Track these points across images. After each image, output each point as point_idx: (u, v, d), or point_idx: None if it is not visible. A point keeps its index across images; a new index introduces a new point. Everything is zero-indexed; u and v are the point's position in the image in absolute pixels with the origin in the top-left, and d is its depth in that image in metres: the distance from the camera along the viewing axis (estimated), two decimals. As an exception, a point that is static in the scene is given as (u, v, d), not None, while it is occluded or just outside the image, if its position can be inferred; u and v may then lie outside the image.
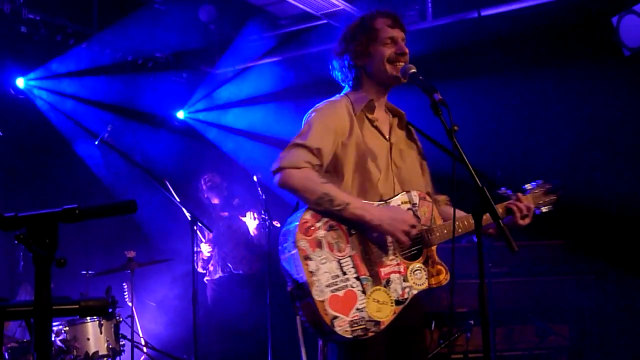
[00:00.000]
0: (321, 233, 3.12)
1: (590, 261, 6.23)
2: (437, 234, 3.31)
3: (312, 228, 3.11)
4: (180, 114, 9.30)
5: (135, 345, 6.79)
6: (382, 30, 3.40)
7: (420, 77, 3.23)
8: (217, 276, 7.79)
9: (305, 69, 8.01)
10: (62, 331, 5.79)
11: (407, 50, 3.38)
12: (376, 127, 3.43)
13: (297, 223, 3.11)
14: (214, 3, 7.99)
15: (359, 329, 3.02)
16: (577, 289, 5.85)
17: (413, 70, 3.28)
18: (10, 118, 7.31)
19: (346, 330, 3.00)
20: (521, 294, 5.82)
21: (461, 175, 2.96)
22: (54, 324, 5.86)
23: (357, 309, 3.05)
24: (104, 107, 8.09)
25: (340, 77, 3.56)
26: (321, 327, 3.03)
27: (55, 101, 7.83)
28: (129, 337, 6.66)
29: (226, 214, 7.96)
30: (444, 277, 3.28)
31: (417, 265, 3.25)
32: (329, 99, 3.47)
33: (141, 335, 7.42)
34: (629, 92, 6.56)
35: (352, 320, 3.02)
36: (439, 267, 3.30)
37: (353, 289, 3.07)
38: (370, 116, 3.43)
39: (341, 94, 3.52)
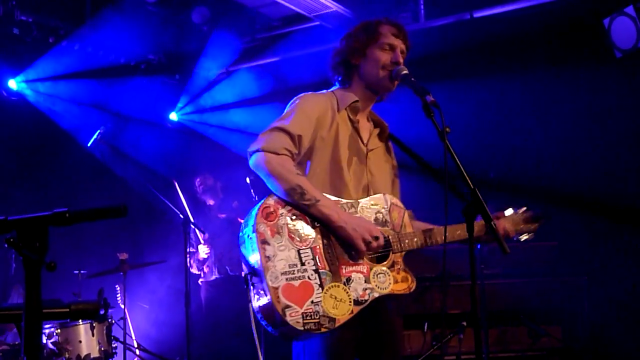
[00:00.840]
0: (282, 220, 3.06)
1: (582, 262, 6.24)
2: (406, 241, 3.26)
3: (273, 214, 3.06)
4: (173, 116, 9.28)
5: (127, 347, 6.78)
6: (385, 35, 3.39)
7: (412, 79, 3.23)
8: (212, 277, 7.76)
9: (297, 70, 8.01)
10: (54, 334, 5.76)
11: (401, 60, 3.36)
12: (356, 130, 3.40)
13: (258, 207, 3.07)
14: (207, 5, 7.98)
15: (311, 323, 2.94)
16: (569, 290, 5.87)
17: (405, 72, 3.29)
18: (3, 119, 7.29)
19: (297, 322, 2.92)
20: (514, 296, 5.82)
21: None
22: (46, 326, 5.84)
23: (312, 302, 2.96)
24: (96, 109, 8.07)
25: (332, 72, 3.53)
26: (272, 316, 2.96)
27: (48, 103, 7.81)
28: (121, 339, 6.64)
29: (224, 215, 7.94)
30: (409, 286, 3.23)
31: (382, 269, 3.19)
32: (315, 92, 3.45)
33: (133, 337, 7.41)
34: (621, 94, 6.57)
35: (305, 312, 2.94)
36: (405, 274, 3.24)
37: (310, 280, 3.00)
38: (352, 117, 3.40)
39: (329, 90, 3.50)
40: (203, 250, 7.66)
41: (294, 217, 3.09)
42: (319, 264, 3.06)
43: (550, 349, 5.84)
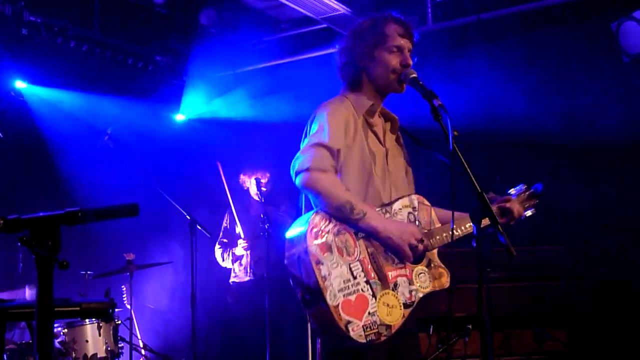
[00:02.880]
0: (330, 237, 3.09)
1: (588, 267, 6.23)
2: (437, 237, 3.33)
3: (321, 232, 3.08)
4: (180, 117, 9.31)
5: (133, 347, 6.80)
6: (392, 37, 3.38)
7: (421, 82, 3.24)
8: (246, 279, 7.55)
9: (305, 72, 8.02)
10: (61, 333, 5.79)
11: (411, 62, 3.37)
12: (374, 132, 3.44)
13: (307, 227, 3.07)
14: (215, 7, 8.00)
15: (372, 333, 3.01)
16: (575, 294, 5.85)
17: (414, 75, 3.30)
18: (10, 120, 7.31)
19: (360, 335, 2.97)
20: (519, 299, 5.81)
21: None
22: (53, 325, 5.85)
23: (369, 313, 3.03)
24: (103, 110, 8.09)
25: (339, 73, 3.54)
26: (334, 332, 2.99)
27: (55, 104, 7.84)
28: (128, 339, 6.66)
29: (263, 215, 7.59)
30: (446, 280, 3.32)
31: (421, 269, 3.28)
32: (333, 99, 3.46)
33: (139, 337, 7.42)
34: (629, 98, 6.56)
35: (365, 325, 3.00)
36: (441, 270, 3.34)
37: (364, 292, 3.06)
38: (369, 120, 3.44)
39: (342, 94, 3.50)
40: (241, 245, 7.43)
41: (339, 233, 3.12)
42: (368, 274, 3.12)
43: (555, 353, 5.83)
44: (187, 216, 6.93)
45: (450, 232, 3.30)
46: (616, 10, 6.46)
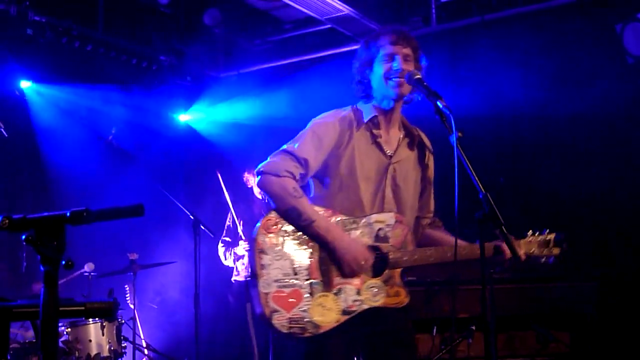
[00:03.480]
0: (283, 233, 3.27)
1: (592, 268, 6.23)
2: (405, 258, 3.37)
3: (274, 227, 3.27)
4: (184, 117, 9.31)
5: (136, 347, 6.81)
6: (383, 47, 3.46)
7: (425, 83, 3.25)
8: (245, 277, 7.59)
9: (309, 74, 8.04)
10: (64, 332, 5.80)
11: (403, 67, 3.41)
12: (378, 144, 3.49)
13: (262, 220, 3.28)
14: (219, 7, 8.01)
15: (296, 327, 3.15)
16: (579, 295, 5.84)
17: (418, 76, 3.31)
18: (14, 120, 7.32)
19: (283, 325, 3.14)
20: (523, 300, 5.80)
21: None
22: (56, 325, 5.86)
23: (300, 309, 3.17)
24: (107, 110, 8.10)
25: (355, 89, 3.62)
26: (263, 317, 3.17)
27: (59, 103, 7.85)
28: (131, 339, 6.67)
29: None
30: (401, 300, 3.34)
31: (375, 282, 3.31)
32: (335, 110, 3.56)
33: (143, 337, 7.43)
34: (634, 100, 6.55)
35: (291, 318, 3.15)
36: (399, 289, 3.35)
37: (301, 289, 3.21)
38: (374, 131, 3.49)
39: (351, 106, 3.59)
40: (243, 246, 7.51)
41: (293, 231, 3.28)
42: (312, 273, 3.25)
43: (558, 355, 5.82)
44: (191, 216, 6.94)
45: (423, 255, 3.40)
46: (620, 12, 6.45)
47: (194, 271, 6.71)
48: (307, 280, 3.23)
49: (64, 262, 1.74)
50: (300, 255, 3.26)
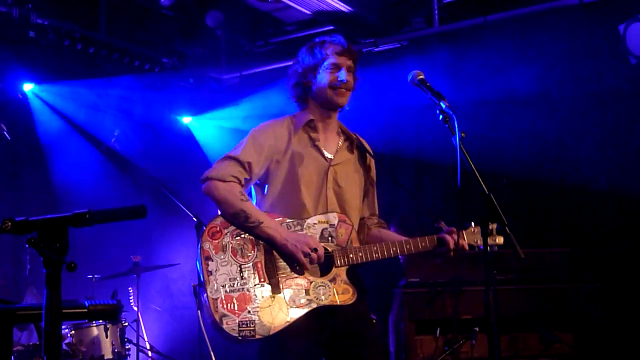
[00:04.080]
0: (227, 239, 3.34)
1: (595, 269, 6.22)
2: (351, 255, 3.42)
3: (219, 233, 3.34)
4: (187, 120, 9.31)
5: (140, 349, 6.81)
6: (329, 56, 3.57)
7: (428, 84, 3.26)
8: None
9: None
10: (68, 335, 5.80)
11: (348, 78, 3.54)
12: (317, 147, 3.59)
13: (206, 227, 3.36)
14: (221, 9, 8.01)
15: (246, 330, 3.21)
16: (582, 296, 5.83)
17: (421, 77, 3.33)
18: (17, 122, 7.33)
19: (233, 329, 3.20)
20: (526, 302, 5.79)
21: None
22: (60, 327, 5.86)
23: (249, 312, 3.23)
24: (109, 112, 8.10)
25: (290, 94, 3.73)
26: (214, 324, 3.23)
27: (62, 106, 7.85)
28: (134, 341, 6.67)
29: None
30: (349, 298, 3.39)
31: (322, 282, 3.37)
32: (273, 119, 3.68)
33: (146, 339, 7.42)
34: (636, 100, 6.55)
35: (241, 321, 3.21)
36: (346, 286, 3.40)
37: (248, 292, 3.27)
38: (312, 135, 3.60)
39: (288, 115, 3.70)
40: None
41: (237, 236, 3.36)
42: (259, 277, 3.31)
43: (562, 356, 5.81)
44: (194, 218, 6.93)
45: (372, 252, 3.44)
46: (623, 12, 6.44)
47: (197, 273, 6.69)
48: (254, 283, 3.28)
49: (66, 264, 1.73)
50: (246, 259, 3.32)
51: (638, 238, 6.36)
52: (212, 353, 3.29)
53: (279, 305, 3.26)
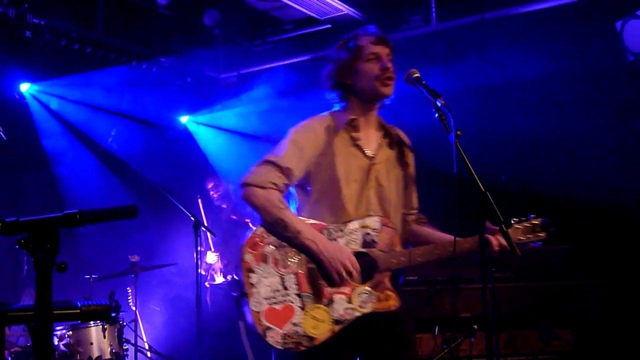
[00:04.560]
0: (268, 249, 3.26)
1: (594, 266, 6.21)
2: (393, 260, 3.34)
3: (260, 243, 3.26)
4: (185, 119, 9.30)
5: (138, 349, 6.80)
6: (366, 47, 3.45)
7: (424, 82, 3.24)
8: (218, 282, 7.77)
9: (309, 73, 8.02)
10: (66, 335, 5.78)
11: (389, 65, 3.42)
12: (358, 146, 3.48)
13: (247, 238, 3.27)
14: (218, 8, 8.00)
15: (290, 342, 3.15)
16: (581, 293, 5.83)
17: (416, 75, 3.29)
18: (13, 122, 7.32)
19: (277, 342, 3.14)
20: (525, 299, 5.79)
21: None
22: (57, 328, 5.86)
23: (293, 324, 3.17)
24: (106, 113, 8.09)
25: (329, 93, 3.60)
26: (258, 335, 3.17)
27: (58, 106, 7.84)
28: (133, 341, 6.66)
29: (235, 217, 7.95)
30: (393, 304, 3.31)
31: (365, 289, 3.29)
32: (313, 117, 3.54)
33: (145, 339, 7.42)
34: (633, 97, 6.54)
35: (285, 334, 3.15)
36: (389, 292, 3.33)
37: (292, 304, 3.20)
38: (353, 134, 3.48)
39: (328, 112, 3.58)
40: (211, 257, 7.66)
41: (278, 246, 3.27)
42: (301, 287, 3.24)
43: (561, 353, 5.81)
44: (192, 217, 6.93)
45: (415, 256, 3.37)
46: (620, 9, 6.43)
47: (195, 272, 6.70)
48: (297, 294, 3.22)
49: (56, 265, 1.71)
50: (288, 269, 3.25)
51: (637, 235, 6.35)
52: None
53: (322, 316, 3.21)
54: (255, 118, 8.80)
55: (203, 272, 7.76)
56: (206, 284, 7.82)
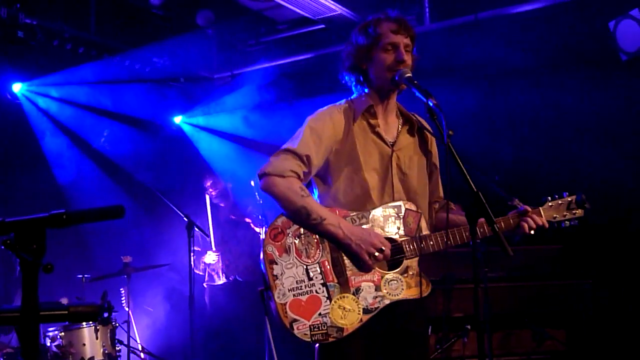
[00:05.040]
0: (290, 240, 3.20)
1: (587, 266, 6.21)
2: (422, 244, 3.26)
3: (281, 234, 3.21)
4: (178, 119, 9.28)
5: (131, 350, 6.78)
6: (385, 35, 3.36)
7: (416, 82, 3.22)
8: (219, 282, 7.70)
9: (304, 73, 8.02)
10: (58, 336, 5.77)
11: (406, 58, 3.33)
12: (377, 133, 3.39)
13: (267, 230, 3.22)
14: (212, 8, 7.98)
15: (319, 334, 3.09)
16: (574, 293, 5.83)
17: (409, 75, 3.27)
18: (5, 123, 7.30)
19: (305, 334, 3.08)
20: (518, 299, 5.79)
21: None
22: (50, 329, 5.85)
23: (320, 314, 3.11)
24: (100, 113, 8.07)
25: (346, 80, 3.53)
26: (284, 327, 3.11)
27: (51, 107, 7.82)
28: (125, 342, 6.64)
29: (234, 217, 7.92)
30: (425, 290, 3.24)
31: (393, 276, 3.22)
32: (331, 105, 3.46)
33: (138, 340, 7.40)
34: (627, 97, 6.54)
35: (313, 325, 3.09)
36: (419, 279, 3.25)
37: (317, 294, 3.14)
38: (372, 121, 3.40)
39: (346, 99, 3.50)
40: (211, 257, 7.60)
41: (301, 236, 3.21)
42: (327, 277, 3.17)
43: (554, 353, 5.81)
44: (185, 218, 6.92)
45: (444, 239, 3.27)
46: (613, 9, 6.44)
47: (189, 273, 6.68)
48: (322, 284, 3.15)
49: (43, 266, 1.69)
50: (312, 259, 3.18)
51: (630, 235, 6.35)
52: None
53: (350, 305, 3.14)
54: (250, 118, 8.79)
55: (200, 273, 7.72)
56: (204, 284, 7.77)
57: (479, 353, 2.81)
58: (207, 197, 7.78)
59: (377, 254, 3.16)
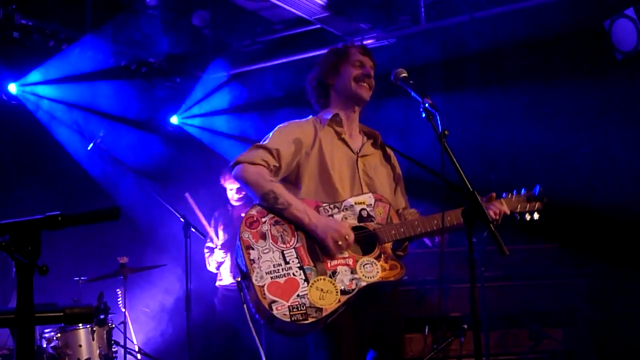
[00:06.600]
0: (265, 227, 3.34)
1: (583, 264, 6.22)
2: (392, 231, 3.42)
3: (257, 222, 3.34)
4: (174, 119, 9.27)
5: (128, 351, 6.76)
6: (354, 54, 3.66)
7: (411, 82, 3.25)
8: (229, 282, 7.60)
9: (298, 73, 8.01)
10: (54, 338, 5.75)
11: (372, 74, 3.63)
12: (343, 140, 3.64)
13: (243, 218, 3.34)
14: (208, 8, 7.97)
15: (298, 314, 3.15)
16: (570, 292, 5.85)
17: (404, 75, 3.32)
18: (2, 124, 7.28)
19: (284, 314, 3.14)
20: (514, 298, 5.80)
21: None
22: (46, 330, 5.83)
23: (298, 296, 3.19)
24: (97, 113, 8.06)
25: (312, 99, 3.80)
26: (262, 312, 3.19)
27: (48, 107, 7.80)
28: (122, 343, 6.62)
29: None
30: (399, 272, 3.37)
31: (368, 259, 3.35)
32: (296, 119, 3.72)
33: (134, 341, 7.38)
34: (622, 96, 6.55)
35: (291, 305, 3.16)
36: (393, 262, 3.39)
37: (295, 277, 3.24)
38: (338, 129, 3.64)
39: (311, 115, 3.75)
40: (219, 255, 7.52)
41: (276, 223, 3.35)
42: (303, 261, 3.29)
43: (551, 352, 5.82)
44: (181, 219, 6.91)
45: (415, 225, 3.45)
46: (608, 8, 6.45)
47: (185, 274, 6.67)
48: (299, 267, 3.26)
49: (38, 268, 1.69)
50: (287, 245, 3.30)
51: (625, 234, 6.36)
52: (262, 351, 3.23)
53: (327, 287, 3.23)
54: (244, 118, 8.79)
55: (214, 270, 7.58)
56: (216, 284, 7.63)
57: (476, 352, 2.81)
58: (190, 199, 7.66)
59: (340, 242, 3.29)
